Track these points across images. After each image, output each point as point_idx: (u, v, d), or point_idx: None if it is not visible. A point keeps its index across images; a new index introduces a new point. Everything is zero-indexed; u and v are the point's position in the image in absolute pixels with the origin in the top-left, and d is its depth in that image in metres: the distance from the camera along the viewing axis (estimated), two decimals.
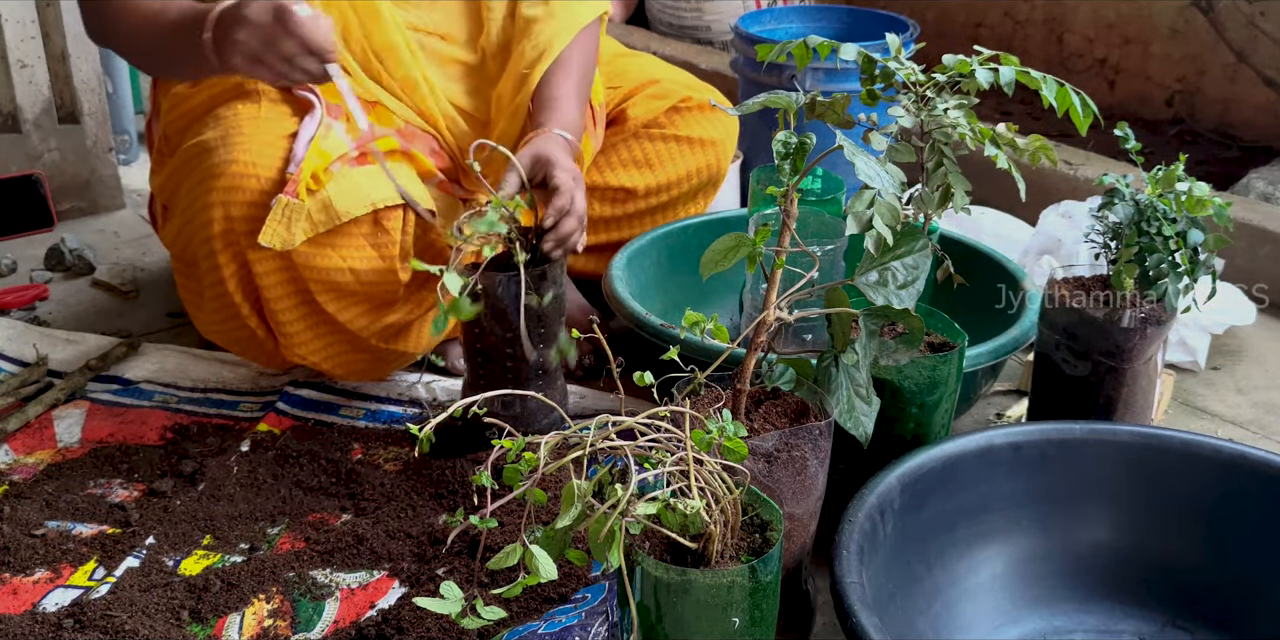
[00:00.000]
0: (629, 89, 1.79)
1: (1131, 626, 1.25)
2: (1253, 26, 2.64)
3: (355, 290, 1.48)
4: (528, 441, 0.95)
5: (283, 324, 1.50)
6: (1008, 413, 1.70)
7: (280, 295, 1.47)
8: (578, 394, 1.64)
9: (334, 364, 1.57)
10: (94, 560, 1.31)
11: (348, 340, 1.54)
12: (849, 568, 1.07)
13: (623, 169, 1.78)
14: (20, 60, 2.16)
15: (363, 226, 1.46)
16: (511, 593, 0.95)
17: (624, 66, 1.84)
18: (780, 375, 1.18)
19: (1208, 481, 1.26)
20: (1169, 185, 1.35)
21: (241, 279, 1.47)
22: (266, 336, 1.54)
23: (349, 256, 1.46)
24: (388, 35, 1.58)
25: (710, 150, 1.81)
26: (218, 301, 1.51)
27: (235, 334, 1.57)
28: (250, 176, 1.43)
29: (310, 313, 1.50)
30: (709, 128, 1.80)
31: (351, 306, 1.50)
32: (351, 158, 1.49)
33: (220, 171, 1.44)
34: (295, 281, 1.47)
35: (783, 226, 1.10)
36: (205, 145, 1.48)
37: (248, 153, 1.44)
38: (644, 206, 1.81)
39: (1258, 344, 1.91)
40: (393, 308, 1.53)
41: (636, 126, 1.78)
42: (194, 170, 1.47)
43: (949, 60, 1.24)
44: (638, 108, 1.78)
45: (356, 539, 1.34)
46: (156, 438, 1.57)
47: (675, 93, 1.79)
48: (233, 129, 1.48)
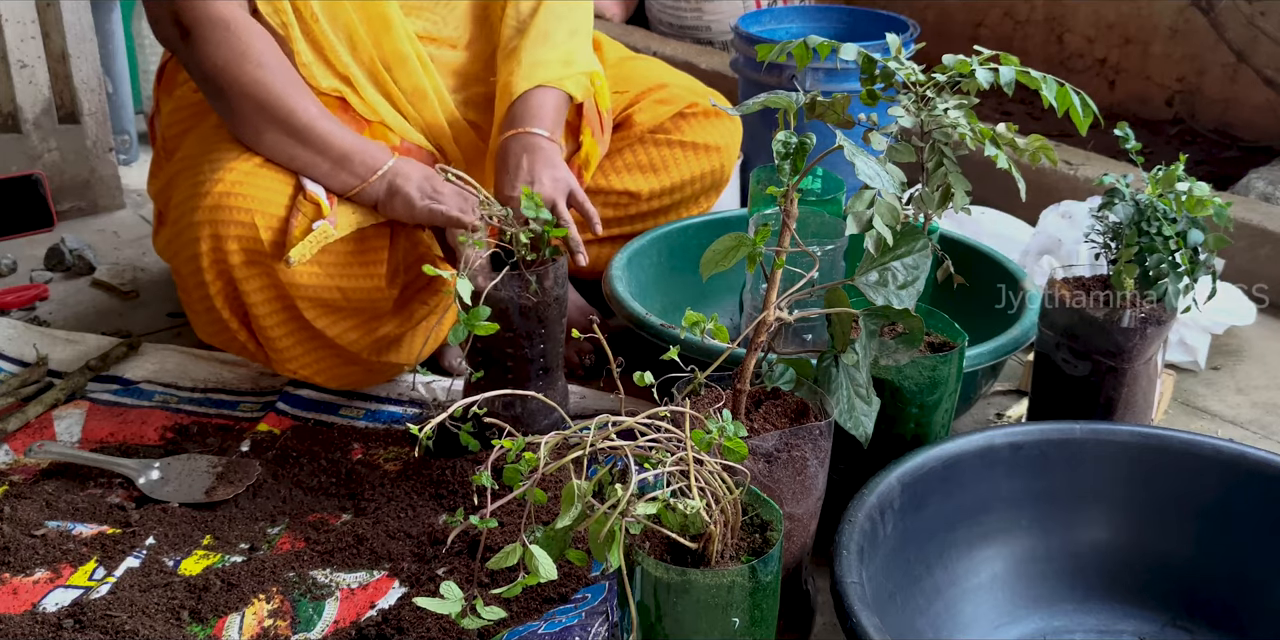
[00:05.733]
0: (635, 94, 1.80)
1: (1131, 626, 1.25)
2: (1253, 26, 2.64)
3: (343, 306, 1.48)
4: (528, 441, 0.95)
5: (272, 340, 1.50)
6: (1008, 413, 1.70)
7: (268, 312, 1.47)
8: (578, 394, 1.64)
9: (326, 377, 1.57)
10: (94, 560, 1.31)
11: (338, 354, 1.54)
12: (849, 568, 1.07)
13: (628, 173, 1.78)
14: (20, 60, 2.16)
15: (349, 244, 1.46)
16: (511, 593, 0.95)
17: (630, 71, 1.84)
18: (780, 375, 1.18)
19: (1208, 481, 1.26)
20: (1169, 185, 1.35)
21: (228, 296, 1.47)
22: (257, 350, 1.53)
23: (336, 275, 1.46)
24: (397, 44, 1.57)
25: (715, 155, 1.81)
26: (208, 315, 1.51)
27: (230, 346, 1.57)
28: (236, 195, 1.42)
29: (299, 328, 1.50)
30: (714, 133, 1.81)
31: (340, 322, 1.50)
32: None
33: (206, 190, 1.43)
34: (283, 298, 1.46)
35: (783, 226, 1.10)
36: (193, 161, 1.48)
37: (234, 172, 1.44)
38: (647, 209, 1.81)
39: (1258, 344, 1.91)
40: (382, 321, 1.53)
41: (643, 131, 1.78)
42: (181, 185, 1.47)
43: (949, 60, 1.24)
44: (644, 113, 1.78)
45: (356, 539, 1.34)
46: (156, 438, 1.57)
47: (682, 98, 1.79)
48: (220, 144, 1.48)
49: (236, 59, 1.43)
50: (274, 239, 1.43)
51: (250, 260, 1.43)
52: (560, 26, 1.65)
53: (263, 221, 1.42)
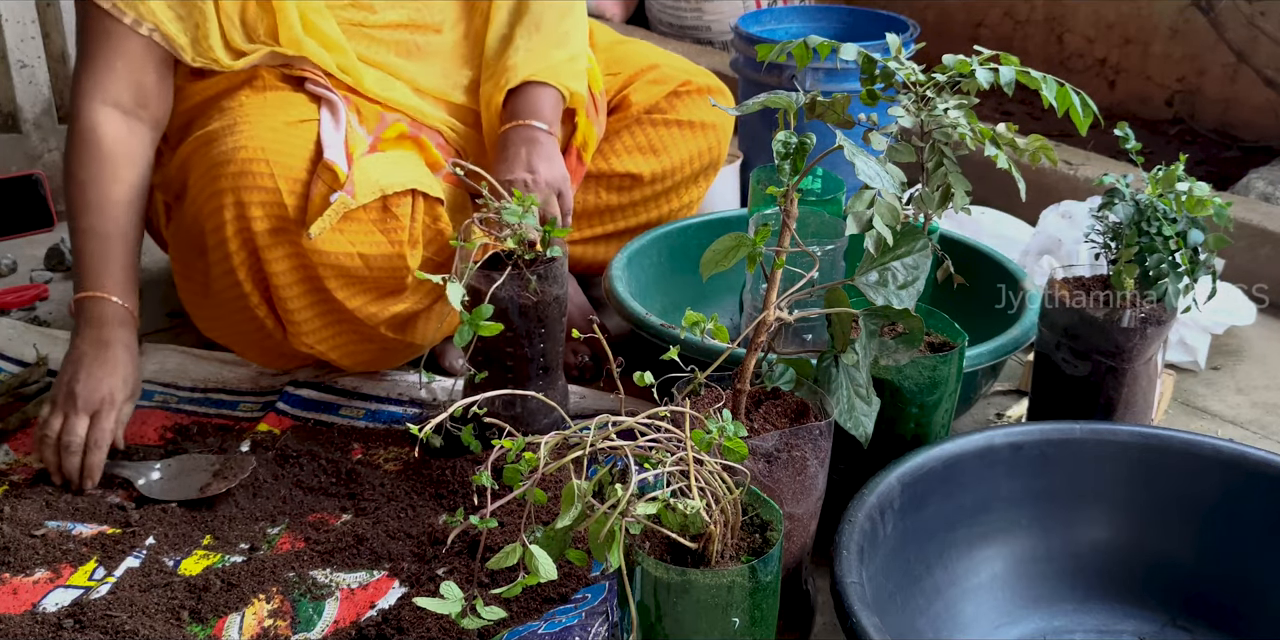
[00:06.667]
0: (629, 75, 1.81)
1: (1131, 626, 1.25)
2: (1253, 26, 2.64)
3: (364, 276, 1.49)
4: (528, 442, 0.95)
5: (291, 312, 1.50)
6: (1008, 413, 1.70)
7: (290, 282, 1.48)
8: (578, 394, 1.64)
9: (341, 354, 1.58)
10: (94, 560, 1.31)
11: (355, 329, 1.54)
12: (849, 568, 1.07)
13: (627, 155, 1.80)
14: (20, 60, 2.16)
15: (371, 212, 1.46)
16: (511, 593, 0.95)
17: (622, 53, 1.85)
18: (780, 375, 1.18)
19: (1208, 481, 1.26)
20: (1169, 185, 1.35)
21: (251, 266, 1.48)
22: (275, 326, 1.54)
23: (357, 241, 1.46)
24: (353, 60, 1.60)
25: (711, 133, 1.83)
26: (228, 292, 1.51)
27: (240, 328, 1.57)
28: (259, 160, 1.43)
29: (319, 301, 1.50)
30: (709, 111, 1.82)
31: (360, 293, 1.50)
32: (367, 148, 1.52)
33: (228, 158, 1.44)
34: (305, 268, 1.47)
35: (783, 226, 1.10)
36: (211, 134, 1.49)
37: (255, 139, 1.45)
38: (650, 193, 1.82)
39: (1258, 344, 1.91)
40: (400, 296, 1.54)
41: (639, 112, 1.79)
42: (201, 160, 1.48)
43: (949, 60, 1.24)
44: (639, 94, 1.80)
45: (356, 539, 1.34)
46: (156, 438, 1.57)
47: (675, 77, 1.81)
48: (240, 117, 1.49)
49: (86, 166, 1.51)
50: (297, 204, 1.44)
51: (275, 227, 1.44)
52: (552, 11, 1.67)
53: (285, 186, 1.43)
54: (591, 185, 1.79)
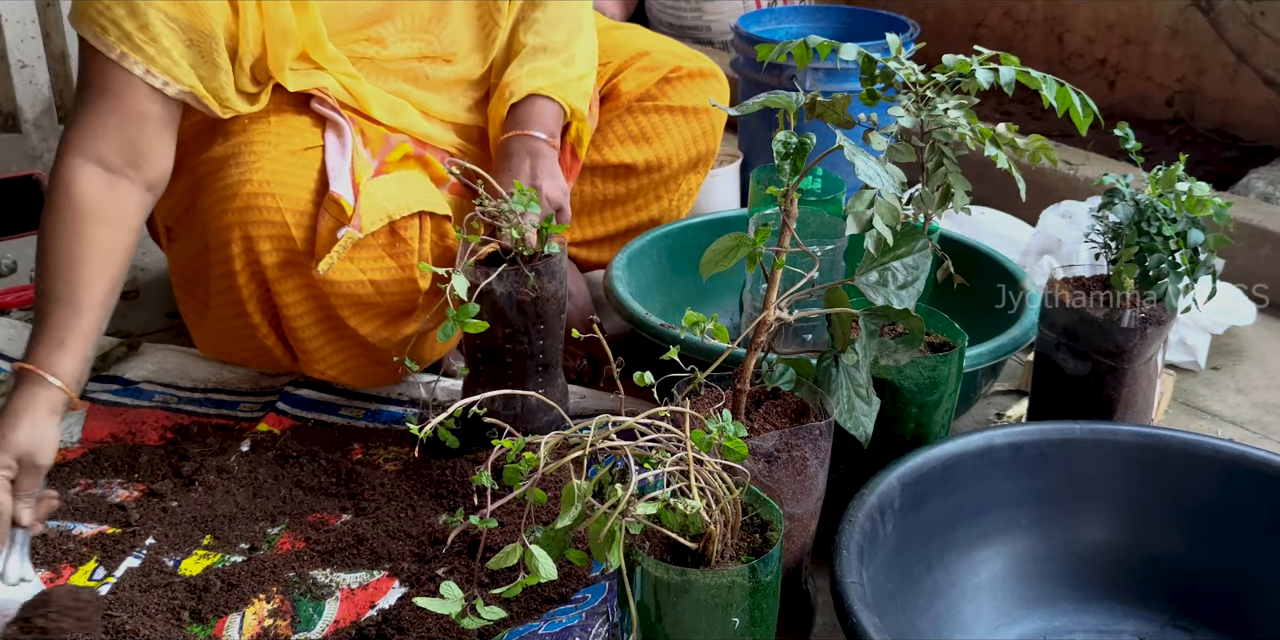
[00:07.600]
0: (619, 63, 1.79)
1: (1131, 626, 1.25)
2: (1253, 26, 2.64)
3: (376, 302, 1.47)
4: (528, 442, 0.95)
5: (303, 341, 1.49)
6: (1008, 413, 1.70)
7: (301, 312, 1.46)
8: (578, 394, 1.64)
9: (353, 376, 1.57)
10: (94, 560, 1.31)
11: (366, 353, 1.54)
12: (849, 568, 1.07)
13: (620, 145, 1.78)
14: (20, 60, 2.16)
15: (380, 237, 1.45)
16: (511, 593, 0.95)
17: (613, 41, 1.82)
18: (780, 375, 1.18)
19: (1208, 481, 1.26)
20: (1169, 185, 1.35)
21: (261, 299, 1.46)
22: (284, 354, 1.53)
23: (368, 268, 1.45)
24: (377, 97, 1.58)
25: (704, 118, 1.81)
26: (233, 320, 1.49)
27: (244, 354, 1.57)
28: (265, 195, 1.41)
29: (330, 328, 1.49)
30: (701, 96, 1.80)
31: (372, 319, 1.49)
32: (372, 173, 1.50)
33: (233, 192, 1.41)
34: (317, 298, 1.45)
35: (783, 226, 1.10)
36: (214, 163, 1.45)
37: (259, 171, 1.42)
38: (646, 183, 1.81)
39: (1258, 344, 1.91)
40: (412, 317, 1.52)
41: (630, 100, 1.77)
42: (206, 190, 1.45)
43: (949, 60, 1.24)
44: (629, 82, 1.77)
45: (356, 539, 1.34)
46: (156, 438, 1.57)
47: (665, 63, 1.78)
48: (243, 145, 1.46)
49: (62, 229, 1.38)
50: (305, 236, 1.42)
51: (285, 260, 1.42)
52: (560, 29, 1.65)
53: (293, 219, 1.41)
54: (586, 176, 1.78)
